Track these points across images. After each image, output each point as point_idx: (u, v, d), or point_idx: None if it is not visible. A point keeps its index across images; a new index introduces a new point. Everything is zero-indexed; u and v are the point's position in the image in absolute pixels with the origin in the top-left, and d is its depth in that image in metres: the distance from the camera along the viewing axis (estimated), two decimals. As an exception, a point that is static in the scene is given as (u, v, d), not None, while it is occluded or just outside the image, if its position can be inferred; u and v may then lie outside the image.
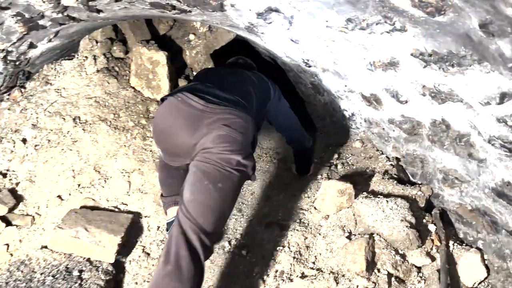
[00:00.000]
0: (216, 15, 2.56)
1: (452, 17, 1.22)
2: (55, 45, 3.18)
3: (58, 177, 2.70)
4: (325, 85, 3.12)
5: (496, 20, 1.06)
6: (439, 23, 1.30)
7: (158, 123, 2.03)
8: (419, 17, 1.34)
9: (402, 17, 1.41)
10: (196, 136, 1.89)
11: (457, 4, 1.14)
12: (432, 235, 2.28)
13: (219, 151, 1.84)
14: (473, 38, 1.23)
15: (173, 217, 2.28)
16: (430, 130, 2.13)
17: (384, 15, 1.46)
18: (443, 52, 1.45)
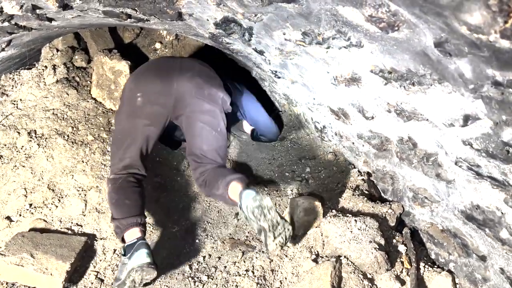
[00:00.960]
0: (178, 24, 2.43)
1: (407, 34, 1.11)
2: (11, 55, 3.00)
3: (8, 196, 2.51)
4: (296, 96, 3.01)
5: (451, 38, 0.95)
6: (395, 39, 1.19)
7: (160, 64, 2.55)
8: (375, 32, 1.23)
9: (357, 32, 1.30)
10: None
11: (410, 20, 1.03)
12: (402, 257, 2.17)
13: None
14: (431, 57, 1.12)
15: (134, 239, 2.10)
16: (398, 147, 2.03)
17: (337, 29, 1.34)
18: (402, 70, 1.34)
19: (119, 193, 2.24)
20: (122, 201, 2.24)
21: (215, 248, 2.46)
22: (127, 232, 2.16)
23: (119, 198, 2.24)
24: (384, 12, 1.07)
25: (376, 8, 1.06)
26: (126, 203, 2.23)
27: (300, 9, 1.33)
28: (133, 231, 2.15)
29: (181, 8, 1.96)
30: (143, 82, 2.41)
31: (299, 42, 1.61)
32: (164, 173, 2.98)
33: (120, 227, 2.18)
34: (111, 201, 2.25)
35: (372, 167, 2.50)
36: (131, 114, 2.37)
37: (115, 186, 2.22)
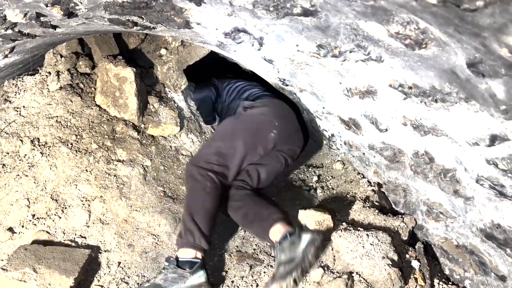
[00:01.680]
0: (184, 32, 2.38)
1: (434, 51, 1.05)
2: (14, 61, 2.95)
3: (10, 206, 2.45)
4: (304, 104, 2.95)
5: (487, 59, 0.89)
6: (420, 56, 1.13)
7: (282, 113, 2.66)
8: (397, 48, 1.17)
9: (378, 47, 1.24)
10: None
11: (441, 39, 0.97)
12: (416, 273, 2.10)
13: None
14: (460, 75, 1.06)
15: (198, 259, 2.14)
16: (412, 161, 1.97)
17: (357, 44, 1.29)
18: (424, 87, 1.28)
19: (212, 202, 2.28)
20: (211, 213, 2.29)
21: (222, 262, 2.40)
22: (194, 247, 2.17)
23: (208, 201, 2.28)
24: (412, 30, 1.01)
25: (404, 25, 1.00)
26: (207, 209, 2.29)
27: (318, 23, 1.27)
28: (189, 252, 2.17)
29: (189, 17, 1.91)
30: (280, 124, 2.60)
31: (313, 54, 1.55)
32: (169, 182, 2.92)
33: (192, 236, 2.17)
34: (199, 201, 2.27)
35: (383, 178, 2.43)
36: (255, 137, 2.54)
37: (216, 186, 2.30)
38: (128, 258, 2.35)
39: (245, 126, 2.58)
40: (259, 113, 2.63)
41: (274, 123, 2.55)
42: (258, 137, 2.53)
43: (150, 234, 2.51)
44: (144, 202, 2.66)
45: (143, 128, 3.13)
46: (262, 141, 2.53)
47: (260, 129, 2.55)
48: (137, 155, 2.91)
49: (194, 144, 3.33)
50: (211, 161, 2.41)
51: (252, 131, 2.54)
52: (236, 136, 2.51)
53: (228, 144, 2.47)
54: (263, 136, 2.53)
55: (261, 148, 2.53)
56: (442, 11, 0.83)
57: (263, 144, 2.53)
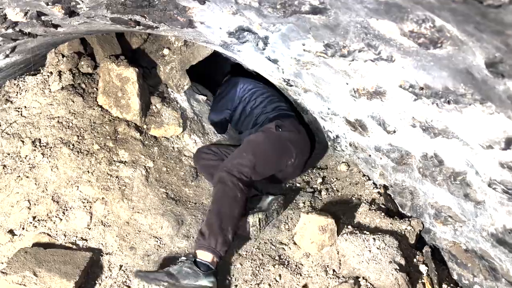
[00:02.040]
0: (188, 31, 2.34)
1: (450, 51, 1.01)
2: (16, 61, 2.92)
3: (11, 208, 2.42)
4: (308, 105, 2.90)
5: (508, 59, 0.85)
6: (434, 56, 1.09)
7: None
8: (410, 47, 1.12)
9: (389, 46, 1.20)
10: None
11: (458, 37, 0.93)
12: (424, 278, 2.06)
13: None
14: (476, 76, 1.02)
15: (214, 263, 2.17)
16: (420, 163, 1.92)
17: (367, 43, 1.24)
18: (437, 87, 1.23)
19: (240, 212, 2.37)
20: (237, 223, 2.37)
21: (225, 264, 2.36)
22: (213, 253, 2.19)
23: (239, 217, 2.38)
24: (427, 28, 0.96)
25: (419, 23, 0.96)
26: (237, 227, 2.37)
27: (327, 21, 1.23)
28: (206, 255, 2.19)
29: (193, 16, 1.87)
30: (299, 154, 2.83)
31: (320, 53, 1.51)
32: (171, 184, 2.88)
33: (215, 241, 2.19)
34: (232, 213, 2.33)
35: (390, 180, 2.39)
36: (279, 161, 2.74)
37: (241, 197, 2.38)
38: (130, 261, 2.31)
39: (275, 148, 2.73)
40: (288, 138, 2.77)
41: (296, 151, 2.77)
42: (281, 161, 2.75)
43: (152, 237, 2.47)
44: (146, 204, 2.62)
45: (146, 128, 3.09)
46: (282, 165, 2.77)
47: (284, 154, 2.75)
48: (139, 156, 2.87)
49: (196, 145, 3.29)
50: (242, 172, 2.49)
51: (278, 155, 2.73)
52: (267, 155, 2.68)
53: (260, 162, 2.60)
54: (284, 161, 2.76)
55: (278, 169, 2.80)
56: (462, 8, 0.78)
57: (281, 167, 2.79)
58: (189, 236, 2.55)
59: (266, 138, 2.74)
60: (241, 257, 2.39)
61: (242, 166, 2.52)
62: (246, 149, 2.67)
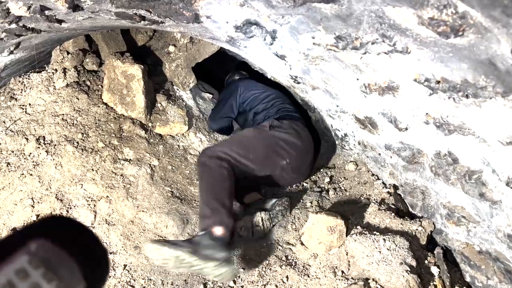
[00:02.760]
0: (194, 27, 2.29)
1: (472, 40, 0.95)
2: (20, 57, 2.89)
3: (14, 206, 2.39)
4: (316, 102, 2.85)
5: (536, 46, 0.80)
6: (453, 46, 1.03)
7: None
8: (427, 37, 1.07)
9: (405, 37, 1.14)
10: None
11: (481, 24, 0.87)
12: (435, 280, 2.00)
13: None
14: (499, 67, 0.96)
15: (221, 236, 2.13)
16: (433, 161, 1.86)
17: (382, 33, 1.19)
18: (455, 80, 1.18)
19: (231, 185, 2.33)
20: (231, 194, 2.34)
21: (231, 265, 2.31)
22: (224, 226, 2.17)
23: (232, 189, 2.33)
24: (449, 14, 0.91)
25: (440, 9, 0.91)
26: (232, 197, 2.34)
27: (339, 10, 1.17)
28: (228, 229, 2.20)
29: (199, 9, 1.82)
30: (295, 156, 2.68)
31: (330, 46, 1.46)
32: (177, 182, 2.84)
33: (220, 215, 2.19)
34: (223, 186, 2.31)
35: (400, 180, 2.33)
36: (267, 160, 2.60)
37: (228, 173, 2.34)
38: (134, 260, 2.27)
39: (264, 144, 2.61)
40: (281, 138, 2.64)
41: (290, 153, 2.63)
42: (269, 160, 2.60)
43: (157, 236, 2.43)
44: (151, 202, 2.58)
45: (151, 126, 3.05)
46: (272, 165, 2.62)
47: (275, 154, 2.61)
48: (144, 154, 2.83)
49: (202, 144, 3.24)
50: (224, 158, 2.42)
51: (267, 152, 2.59)
52: (253, 149, 2.55)
53: (245, 154, 2.49)
54: (275, 161, 2.61)
55: (268, 170, 2.64)
56: (489, -10, 0.73)
57: (271, 167, 2.63)
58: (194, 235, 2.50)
59: (256, 133, 2.67)
60: (247, 257, 2.34)
61: (224, 153, 2.44)
62: (231, 139, 2.68)
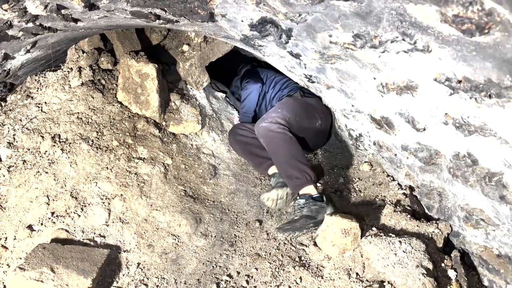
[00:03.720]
0: (208, 26, 2.29)
1: (497, 38, 0.92)
2: (37, 56, 2.92)
3: (30, 203, 2.41)
4: (330, 102, 2.82)
5: None
6: (477, 44, 1.00)
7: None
8: (450, 35, 1.04)
9: (426, 35, 1.11)
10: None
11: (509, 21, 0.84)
12: (452, 283, 1.96)
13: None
14: (525, 66, 0.93)
15: (317, 194, 2.43)
16: (451, 163, 1.82)
17: (402, 31, 1.16)
18: (478, 80, 1.14)
19: (298, 143, 2.59)
20: (303, 152, 2.63)
21: (244, 265, 2.30)
22: (314, 184, 2.47)
23: (301, 148, 2.60)
24: (475, 11, 0.88)
25: (466, 6, 0.88)
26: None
27: (358, 8, 1.15)
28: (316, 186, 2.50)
29: (214, 8, 1.81)
30: (323, 115, 3.03)
31: (347, 45, 1.43)
32: (190, 181, 2.84)
33: (309, 175, 2.46)
34: (298, 148, 2.58)
35: (416, 181, 2.29)
36: (306, 117, 2.88)
37: (292, 137, 2.60)
38: (147, 258, 2.27)
39: (303, 108, 2.88)
40: (312, 103, 2.96)
41: (320, 114, 2.96)
42: (310, 121, 2.89)
43: (170, 235, 2.44)
44: (165, 201, 2.58)
45: (165, 125, 3.06)
46: (311, 125, 2.91)
47: (311, 115, 2.92)
48: (158, 153, 2.84)
49: (215, 143, 3.24)
50: (281, 122, 2.64)
51: (307, 114, 2.88)
52: (298, 113, 2.80)
53: (293, 117, 2.74)
54: (313, 121, 2.92)
55: (306, 131, 2.88)
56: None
57: (309, 129, 2.91)
58: (207, 234, 2.50)
59: (294, 100, 2.93)
60: (260, 257, 2.33)
61: (280, 118, 2.66)
62: (279, 107, 2.82)
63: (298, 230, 2.31)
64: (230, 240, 2.49)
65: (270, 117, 2.67)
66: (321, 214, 2.31)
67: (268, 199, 2.61)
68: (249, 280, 2.19)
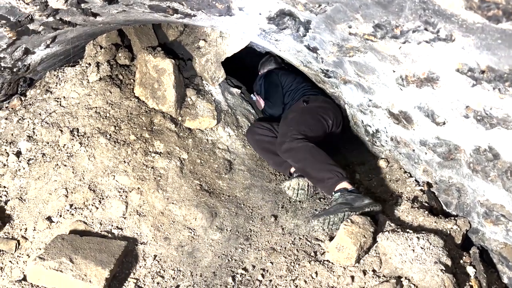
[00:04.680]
0: (225, 20, 2.29)
1: (524, 24, 0.91)
2: (56, 51, 2.97)
3: (49, 196, 2.45)
4: (346, 97, 2.80)
5: None
6: (503, 32, 0.98)
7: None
8: (474, 23, 1.02)
9: (450, 23, 1.10)
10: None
11: (538, 6, 0.82)
12: (471, 281, 1.93)
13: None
14: (553, 53, 0.91)
15: (352, 188, 2.44)
16: (471, 157, 1.79)
17: (425, 20, 1.14)
18: (503, 70, 1.12)
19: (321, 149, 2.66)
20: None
21: (259, 259, 2.30)
22: (347, 181, 2.47)
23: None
24: (503, -4, 0.86)
25: (494, -10, 0.86)
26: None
27: (380, -3, 1.14)
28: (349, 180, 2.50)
29: (232, 1, 1.82)
30: (332, 112, 3.11)
31: (368, 36, 1.42)
32: (205, 176, 2.85)
33: (340, 173, 2.49)
34: (321, 152, 2.63)
35: (435, 177, 2.26)
36: (317, 120, 2.97)
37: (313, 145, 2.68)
38: (164, 251, 2.29)
39: (310, 116, 2.96)
40: (316, 106, 3.05)
41: (329, 112, 3.02)
42: (321, 123, 2.97)
43: (186, 228, 2.45)
44: (181, 195, 2.60)
45: (181, 120, 3.08)
46: (324, 127, 2.98)
47: (321, 117, 2.98)
48: (174, 148, 2.86)
49: (230, 138, 3.25)
50: (299, 132, 2.76)
51: (316, 118, 2.95)
52: (307, 121, 2.91)
53: (304, 127, 2.84)
54: (323, 123, 2.98)
55: (322, 132, 2.97)
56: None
57: (323, 130, 2.98)
58: (222, 228, 2.51)
59: (301, 111, 3.01)
60: (275, 252, 2.33)
61: (295, 134, 2.75)
62: (287, 124, 2.92)
63: (332, 213, 2.30)
64: (245, 234, 2.49)
65: (287, 137, 2.76)
66: (357, 202, 2.31)
67: (289, 187, 2.67)
68: (264, 273, 2.19)
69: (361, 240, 2.06)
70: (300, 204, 2.77)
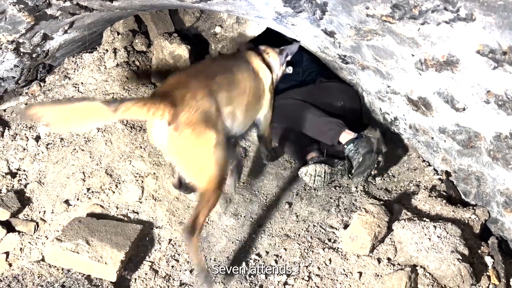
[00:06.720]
0: (240, 5, 2.27)
1: (550, -1, 0.86)
2: (74, 37, 3.00)
3: (67, 179, 2.50)
4: (364, 84, 2.75)
5: None
6: (527, 9, 0.94)
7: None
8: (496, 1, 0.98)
9: (470, 1, 1.05)
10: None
11: None
12: (489, 271, 1.89)
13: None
14: None
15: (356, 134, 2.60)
16: (492, 145, 1.74)
17: (444, -2, 1.10)
18: (526, 50, 1.08)
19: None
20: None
21: (273, 246, 2.30)
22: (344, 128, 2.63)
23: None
24: (527, -32, 0.82)
25: (517, -38, 0.82)
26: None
27: (397, -26, 1.10)
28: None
29: (248, -17, 1.80)
30: (346, 100, 3.12)
31: (385, 17, 1.38)
32: (221, 163, 2.85)
33: (335, 122, 2.64)
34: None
35: (454, 166, 2.21)
36: (324, 103, 2.98)
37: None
38: (178, 235, 2.31)
39: (318, 96, 2.99)
40: (326, 86, 3.10)
41: (338, 96, 3.02)
42: (328, 106, 2.96)
43: (201, 213, 2.46)
44: (196, 181, 2.61)
45: (196, 106, 3.08)
46: (331, 108, 2.95)
47: (329, 99, 3.00)
48: (189, 134, 2.87)
49: (246, 125, 3.24)
50: (298, 96, 2.90)
51: (324, 101, 2.97)
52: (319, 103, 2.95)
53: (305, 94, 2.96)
54: (332, 104, 2.98)
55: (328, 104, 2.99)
56: None
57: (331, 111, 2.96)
58: (237, 214, 2.51)
59: (312, 85, 3.13)
60: (289, 238, 2.32)
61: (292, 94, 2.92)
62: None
63: (369, 168, 2.47)
64: (259, 221, 2.49)
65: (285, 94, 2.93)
66: (374, 144, 2.46)
67: (306, 173, 2.68)
68: (277, 259, 2.19)
69: (376, 230, 2.03)
70: (315, 191, 2.75)
